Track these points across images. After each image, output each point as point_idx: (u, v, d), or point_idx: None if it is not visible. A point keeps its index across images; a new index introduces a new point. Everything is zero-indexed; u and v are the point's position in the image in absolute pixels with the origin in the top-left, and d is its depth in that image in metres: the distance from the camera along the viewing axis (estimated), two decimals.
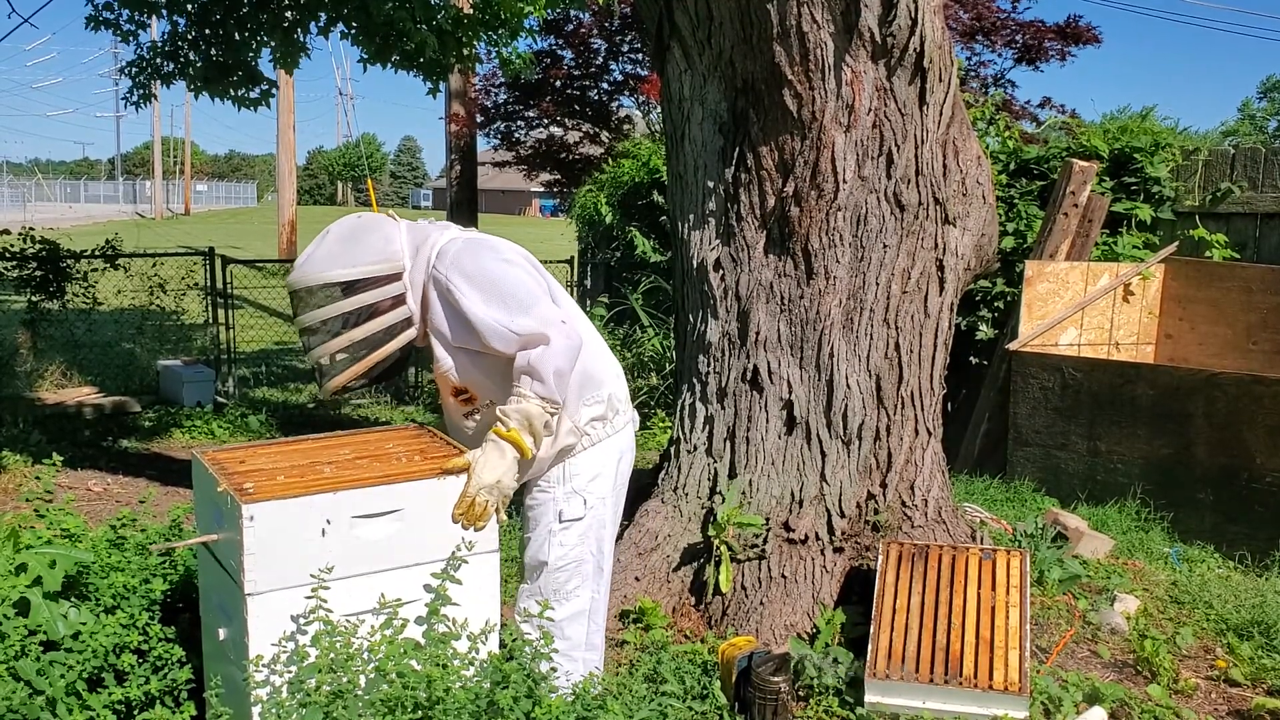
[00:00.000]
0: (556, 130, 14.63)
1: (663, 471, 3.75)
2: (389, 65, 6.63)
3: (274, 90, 6.63)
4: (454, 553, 2.23)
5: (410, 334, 2.47)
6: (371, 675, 2.04)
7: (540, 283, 2.47)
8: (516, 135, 14.66)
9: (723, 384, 3.63)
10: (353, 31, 6.36)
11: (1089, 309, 5.68)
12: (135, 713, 2.38)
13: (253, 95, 6.51)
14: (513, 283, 2.39)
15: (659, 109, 5.27)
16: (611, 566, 2.72)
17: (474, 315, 2.36)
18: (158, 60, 6.53)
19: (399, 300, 2.44)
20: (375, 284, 2.41)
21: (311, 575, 2.11)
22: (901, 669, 2.91)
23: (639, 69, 13.49)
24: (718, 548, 3.40)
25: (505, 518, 2.34)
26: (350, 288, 2.39)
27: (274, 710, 2.01)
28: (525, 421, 2.30)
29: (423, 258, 2.46)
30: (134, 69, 6.64)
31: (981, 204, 3.66)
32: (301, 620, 2.13)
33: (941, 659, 2.92)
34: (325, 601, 2.10)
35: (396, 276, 2.44)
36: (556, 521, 2.56)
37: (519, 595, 2.62)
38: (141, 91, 6.68)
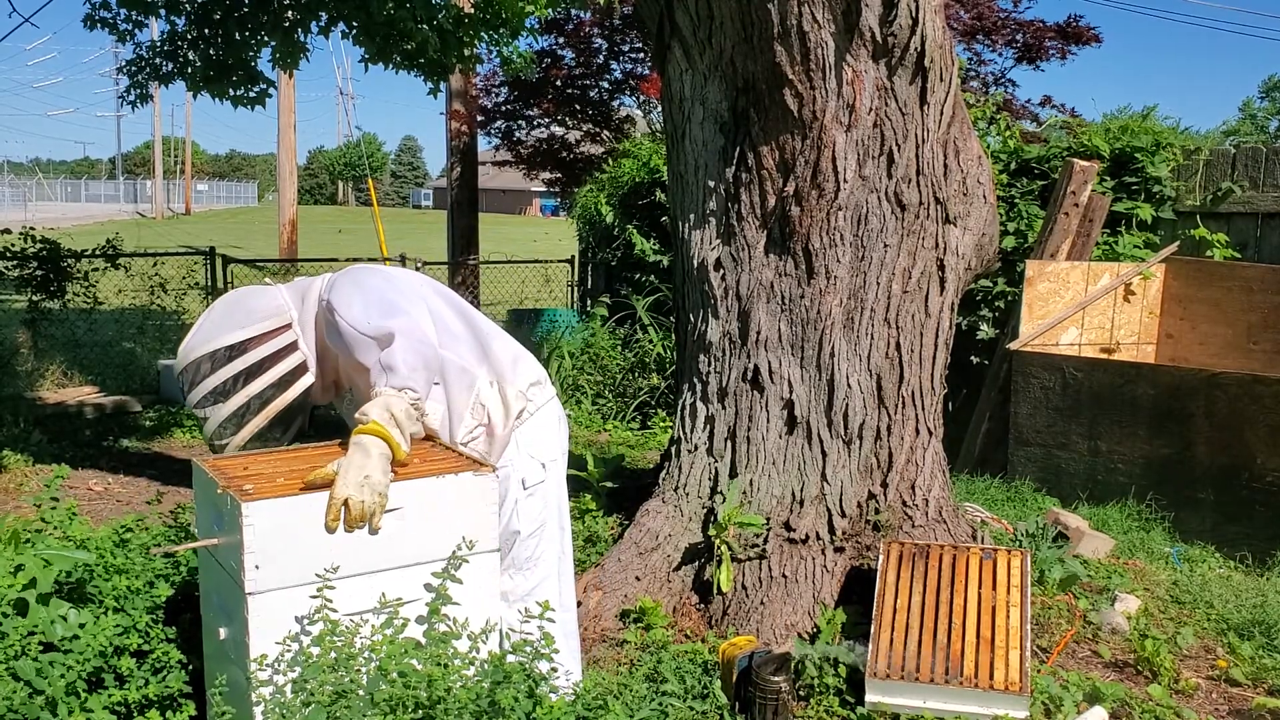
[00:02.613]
0: (557, 130, 14.63)
1: (663, 471, 3.75)
2: (390, 65, 6.61)
3: (271, 89, 6.62)
4: (454, 552, 2.23)
5: (307, 380, 2.45)
6: (372, 674, 2.04)
7: (420, 305, 2.42)
8: (517, 135, 14.65)
9: (723, 384, 3.63)
10: (353, 31, 6.34)
11: (1090, 309, 5.68)
12: (135, 714, 2.38)
13: (250, 95, 6.50)
14: (375, 293, 2.38)
15: (659, 108, 5.27)
16: (570, 525, 2.81)
17: (341, 326, 2.35)
18: (156, 60, 6.51)
19: (291, 348, 2.43)
20: (263, 339, 2.40)
21: (316, 575, 2.11)
22: (902, 669, 2.91)
23: (639, 68, 13.50)
24: (718, 547, 3.40)
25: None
26: (238, 349, 2.38)
27: (277, 710, 2.00)
28: (385, 413, 2.22)
29: (312, 297, 2.47)
30: (132, 68, 6.62)
31: (982, 203, 3.65)
32: (304, 620, 2.13)
33: (942, 659, 2.92)
34: (330, 601, 2.10)
35: (285, 327, 2.44)
36: (520, 489, 2.61)
37: None
38: (139, 91, 6.66)
